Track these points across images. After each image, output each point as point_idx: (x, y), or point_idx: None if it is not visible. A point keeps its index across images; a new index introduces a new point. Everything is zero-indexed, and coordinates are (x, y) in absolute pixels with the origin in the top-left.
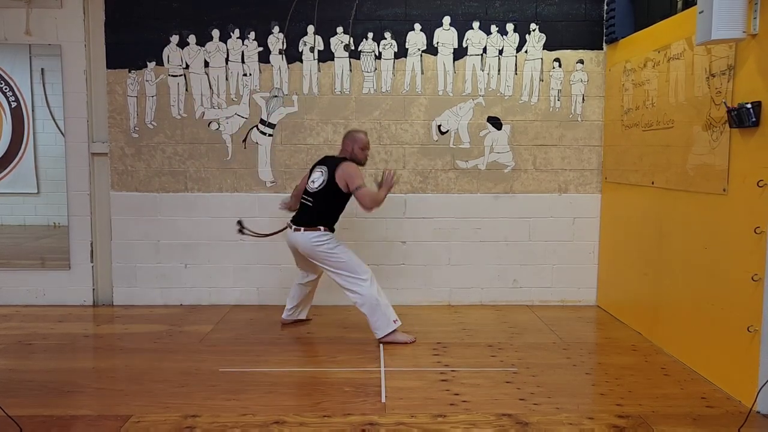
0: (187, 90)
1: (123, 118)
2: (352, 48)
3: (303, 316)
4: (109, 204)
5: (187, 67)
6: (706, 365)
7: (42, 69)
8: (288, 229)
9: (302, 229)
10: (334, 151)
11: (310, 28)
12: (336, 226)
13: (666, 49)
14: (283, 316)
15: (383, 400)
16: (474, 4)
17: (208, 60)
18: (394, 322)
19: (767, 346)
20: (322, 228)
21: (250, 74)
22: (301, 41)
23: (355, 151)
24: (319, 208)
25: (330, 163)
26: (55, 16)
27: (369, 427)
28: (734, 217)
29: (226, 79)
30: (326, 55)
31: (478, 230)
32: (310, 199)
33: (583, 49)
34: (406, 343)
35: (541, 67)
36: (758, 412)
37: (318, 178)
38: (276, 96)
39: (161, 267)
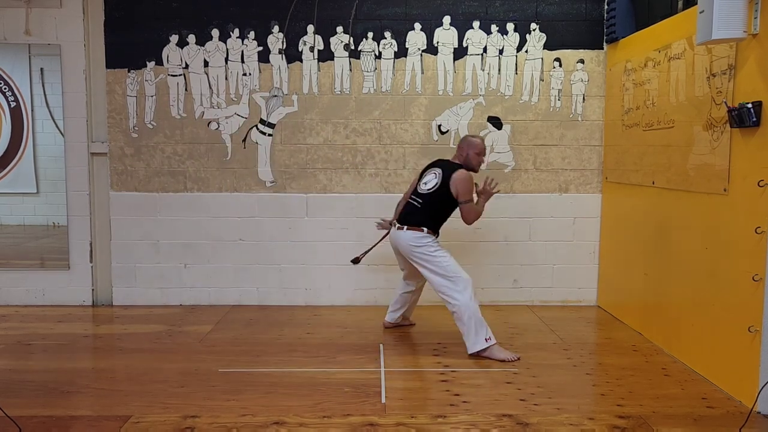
0: (186, 90)
1: (122, 117)
2: (352, 48)
3: (406, 322)
4: (109, 204)
5: (187, 66)
6: (707, 366)
7: (41, 69)
8: (392, 227)
9: (405, 227)
10: (334, 151)
11: (310, 28)
12: (441, 230)
13: (666, 49)
14: (387, 318)
15: (383, 400)
16: (474, 4)
17: (207, 60)
18: (486, 340)
19: None
20: (425, 229)
21: (250, 74)
22: (301, 41)
23: (470, 156)
24: (427, 210)
25: (445, 167)
26: (54, 16)
27: (369, 428)
28: (735, 217)
29: (226, 78)
30: (326, 55)
31: (478, 230)
32: (419, 200)
33: (584, 48)
34: (506, 359)
35: (541, 66)
36: (759, 413)
37: (431, 181)
38: (276, 96)
39: (161, 267)
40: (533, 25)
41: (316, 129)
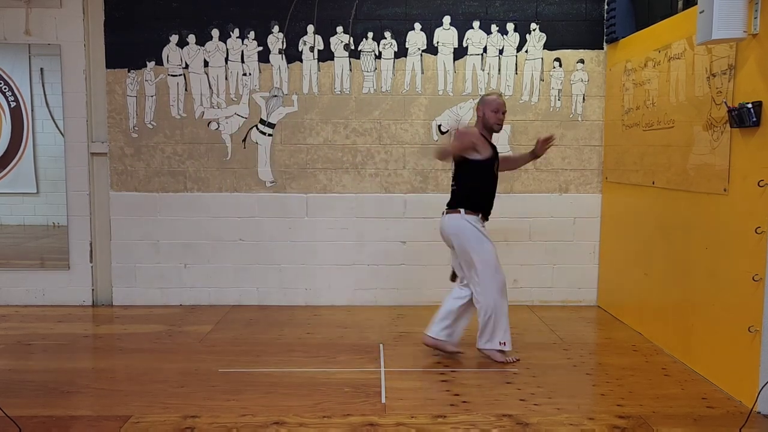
0: (186, 90)
1: (122, 117)
2: (352, 48)
3: (452, 347)
4: (109, 204)
5: (187, 66)
6: (707, 366)
7: (41, 69)
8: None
9: (445, 212)
10: (334, 151)
11: (310, 28)
12: (489, 211)
13: (666, 49)
14: (430, 333)
15: (383, 400)
16: (474, 4)
17: (207, 60)
18: (501, 344)
19: None
20: (462, 210)
21: (250, 74)
22: (301, 41)
23: (486, 115)
24: (460, 190)
25: None
26: (54, 16)
27: (369, 428)
28: (735, 217)
29: (226, 78)
30: (326, 55)
31: None
32: (453, 183)
33: (584, 48)
34: (504, 362)
35: (541, 66)
36: (759, 413)
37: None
38: (276, 96)
39: (161, 267)
40: (533, 25)
41: (316, 129)
